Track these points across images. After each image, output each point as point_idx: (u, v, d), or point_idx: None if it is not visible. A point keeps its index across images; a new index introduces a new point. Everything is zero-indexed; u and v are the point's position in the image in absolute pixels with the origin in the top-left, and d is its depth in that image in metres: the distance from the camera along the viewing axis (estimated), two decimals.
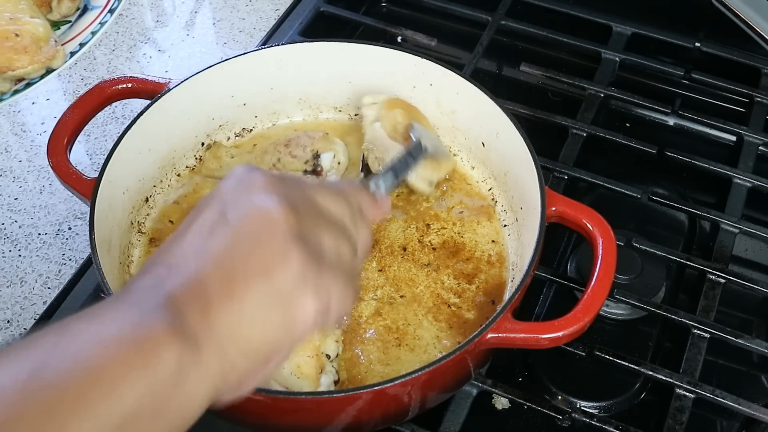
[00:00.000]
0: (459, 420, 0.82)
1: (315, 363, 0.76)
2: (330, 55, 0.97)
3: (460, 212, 0.94)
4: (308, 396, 0.73)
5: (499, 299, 0.87)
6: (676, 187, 1.06)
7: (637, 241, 0.94)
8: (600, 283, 0.77)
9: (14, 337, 0.91)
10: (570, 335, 0.75)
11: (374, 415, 0.77)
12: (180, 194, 0.95)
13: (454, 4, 1.23)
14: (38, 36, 0.76)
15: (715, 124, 1.10)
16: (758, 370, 0.92)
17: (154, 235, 0.92)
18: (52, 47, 0.77)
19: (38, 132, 1.12)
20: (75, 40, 0.82)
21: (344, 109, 1.02)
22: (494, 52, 1.19)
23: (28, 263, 0.99)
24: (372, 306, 0.86)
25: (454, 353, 0.72)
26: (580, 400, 0.86)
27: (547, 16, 1.22)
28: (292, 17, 1.22)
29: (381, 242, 0.91)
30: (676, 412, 0.83)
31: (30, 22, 0.77)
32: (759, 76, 1.15)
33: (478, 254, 0.90)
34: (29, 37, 0.75)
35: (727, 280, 0.92)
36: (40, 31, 0.77)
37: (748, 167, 1.04)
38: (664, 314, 0.89)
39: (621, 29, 1.20)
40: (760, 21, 1.02)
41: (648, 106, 1.12)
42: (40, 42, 0.76)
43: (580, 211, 0.82)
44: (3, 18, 0.75)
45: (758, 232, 0.98)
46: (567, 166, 1.02)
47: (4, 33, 0.75)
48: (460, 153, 0.98)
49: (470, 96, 0.92)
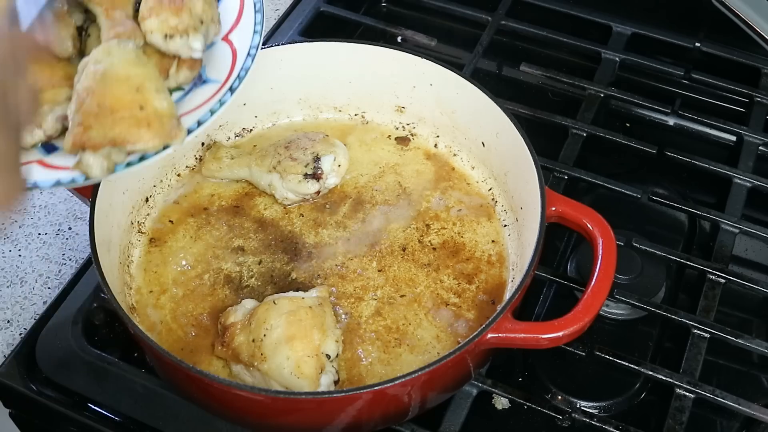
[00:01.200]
0: (459, 420, 0.82)
1: (315, 363, 0.76)
2: (330, 55, 0.97)
3: (459, 210, 0.94)
4: (308, 396, 0.73)
5: (499, 299, 0.87)
6: (676, 187, 1.06)
7: (637, 241, 0.94)
8: (600, 283, 0.77)
9: (14, 337, 0.92)
10: (570, 335, 0.75)
11: (374, 415, 0.77)
12: (180, 194, 0.95)
13: (454, 4, 1.23)
14: (161, 112, 0.70)
15: (715, 124, 1.10)
16: (758, 370, 0.92)
17: (154, 235, 0.92)
18: (175, 125, 0.72)
19: None
20: (192, 115, 0.76)
21: (344, 109, 1.02)
22: (494, 52, 1.19)
23: (28, 263, 0.99)
24: (372, 306, 0.86)
25: (454, 353, 0.72)
26: (580, 400, 0.86)
27: (547, 16, 1.22)
28: (292, 17, 1.21)
29: (381, 242, 0.91)
30: (676, 412, 0.83)
31: (156, 96, 0.71)
32: (759, 76, 1.15)
33: (478, 254, 0.90)
34: (152, 111, 0.70)
35: (727, 280, 0.92)
36: (164, 105, 0.71)
37: (748, 167, 1.04)
38: (664, 314, 0.89)
39: (621, 29, 1.20)
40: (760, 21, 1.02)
41: (648, 106, 1.12)
42: (163, 118, 0.70)
43: (580, 211, 0.82)
44: (130, 87, 0.71)
45: (758, 232, 0.98)
46: (567, 166, 1.02)
47: (129, 104, 0.70)
48: (460, 153, 0.98)
49: (470, 96, 0.92)
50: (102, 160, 0.70)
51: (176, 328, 0.85)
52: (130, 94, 0.69)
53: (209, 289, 0.88)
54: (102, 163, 0.70)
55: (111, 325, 0.90)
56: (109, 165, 0.71)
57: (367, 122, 1.02)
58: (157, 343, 0.78)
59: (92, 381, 0.85)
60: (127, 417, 0.84)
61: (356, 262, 0.90)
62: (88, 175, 0.70)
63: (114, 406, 0.84)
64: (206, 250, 0.91)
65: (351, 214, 0.94)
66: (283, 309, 0.79)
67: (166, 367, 0.77)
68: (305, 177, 0.92)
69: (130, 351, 0.88)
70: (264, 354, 0.77)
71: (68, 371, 0.86)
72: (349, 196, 0.95)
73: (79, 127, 0.69)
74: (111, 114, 0.68)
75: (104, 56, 0.70)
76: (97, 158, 0.69)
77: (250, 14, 0.82)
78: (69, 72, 0.75)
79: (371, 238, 0.91)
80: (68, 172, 0.71)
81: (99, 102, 0.68)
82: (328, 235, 0.92)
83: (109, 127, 0.68)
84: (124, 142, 0.69)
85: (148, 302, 0.87)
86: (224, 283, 0.88)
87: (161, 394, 0.84)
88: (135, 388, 0.84)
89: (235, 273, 0.89)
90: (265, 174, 0.93)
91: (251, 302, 0.83)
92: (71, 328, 0.88)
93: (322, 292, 0.84)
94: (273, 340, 0.77)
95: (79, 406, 0.85)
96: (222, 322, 0.82)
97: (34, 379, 0.86)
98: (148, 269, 0.89)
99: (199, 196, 0.95)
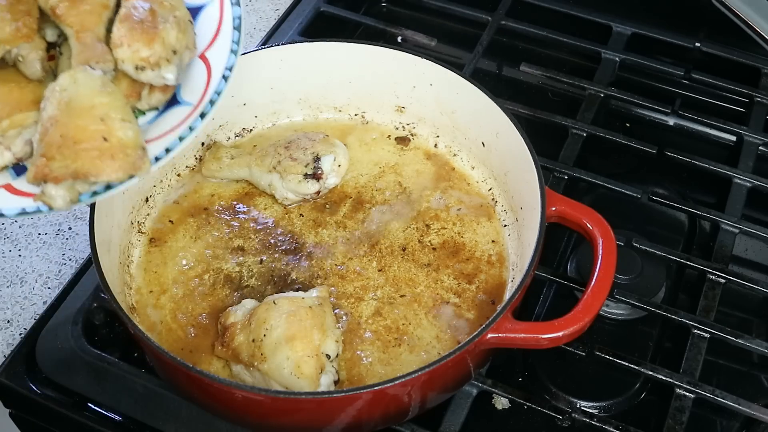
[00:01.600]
0: (459, 420, 0.82)
1: (315, 363, 0.76)
2: (330, 55, 0.97)
3: (459, 210, 0.94)
4: (308, 396, 0.73)
5: (499, 299, 0.87)
6: (676, 187, 1.06)
7: (637, 241, 0.94)
8: (600, 283, 0.77)
9: (14, 337, 0.92)
10: (570, 335, 0.75)
11: (374, 415, 0.77)
12: (180, 194, 0.95)
13: (454, 4, 1.23)
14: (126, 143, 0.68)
15: (715, 124, 1.10)
16: (758, 370, 0.92)
17: (154, 235, 0.92)
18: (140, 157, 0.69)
19: None
20: (161, 142, 0.74)
21: (344, 109, 1.02)
22: (494, 52, 1.19)
23: (28, 263, 0.99)
24: (372, 306, 0.86)
25: (454, 353, 0.72)
26: (580, 400, 0.86)
27: (547, 16, 1.22)
28: (292, 17, 1.21)
29: (381, 242, 0.91)
30: (676, 412, 0.83)
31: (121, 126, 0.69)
32: (759, 76, 1.15)
33: (478, 254, 0.90)
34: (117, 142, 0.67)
35: (727, 280, 0.92)
36: (129, 135, 0.68)
37: (748, 167, 1.04)
38: (664, 314, 0.89)
39: (621, 29, 1.20)
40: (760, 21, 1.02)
41: (648, 106, 1.12)
42: (127, 149, 0.68)
43: (580, 211, 0.82)
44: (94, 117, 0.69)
45: (758, 232, 0.98)
46: (567, 166, 1.02)
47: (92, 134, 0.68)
48: (460, 153, 0.98)
49: (470, 96, 0.92)
50: (65, 192, 0.68)
51: (176, 328, 0.85)
52: (95, 124, 0.66)
53: (209, 289, 0.88)
54: (65, 195, 0.68)
55: (111, 325, 0.90)
56: (73, 197, 0.69)
57: (367, 122, 1.02)
58: (157, 343, 0.78)
59: (92, 381, 0.85)
60: (127, 417, 0.84)
61: (356, 262, 0.90)
62: (50, 206, 0.68)
63: (114, 406, 0.84)
64: (206, 250, 0.91)
65: (351, 214, 0.94)
66: (283, 309, 0.79)
67: (166, 367, 0.77)
68: (305, 177, 0.92)
69: (130, 351, 0.88)
70: (264, 354, 0.77)
71: (68, 371, 0.86)
72: (349, 196, 0.95)
73: (41, 159, 0.67)
74: (74, 145, 0.66)
75: (70, 84, 0.68)
76: (59, 190, 0.67)
77: (228, 30, 0.78)
78: (38, 95, 0.73)
79: (371, 238, 0.91)
80: (33, 203, 0.70)
81: (62, 133, 0.66)
82: (328, 235, 0.92)
83: (71, 159, 0.66)
84: (86, 175, 0.67)
85: (148, 302, 0.87)
86: (224, 283, 0.88)
87: (161, 394, 0.84)
88: (135, 388, 0.84)
89: (235, 273, 0.89)
90: (265, 174, 0.93)
91: (251, 302, 0.83)
92: (71, 328, 0.88)
93: (322, 292, 0.84)
94: (273, 340, 0.77)
95: (79, 406, 0.85)
96: (222, 322, 0.82)
97: (34, 379, 0.86)
98: (148, 269, 0.89)
99: (199, 196, 0.95)
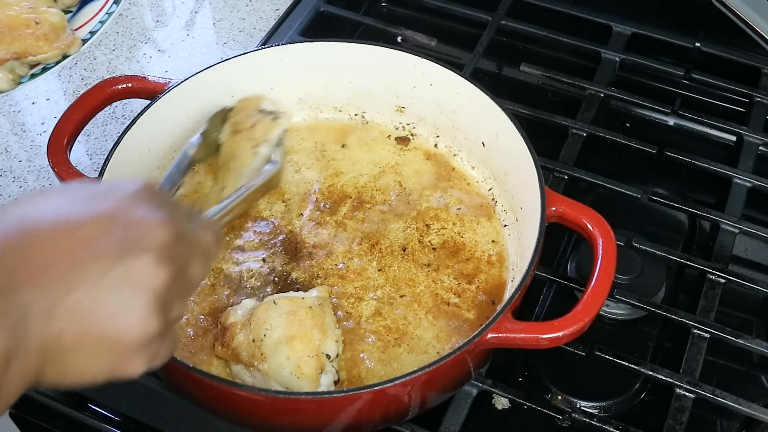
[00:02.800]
0: (459, 420, 0.82)
1: (315, 363, 0.76)
2: (330, 55, 0.97)
3: (458, 210, 0.94)
4: (308, 396, 0.73)
5: (499, 299, 0.87)
6: (676, 187, 1.06)
7: (637, 241, 0.94)
8: (600, 283, 0.77)
9: None
10: (570, 335, 0.75)
11: (374, 415, 0.77)
12: (180, 194, 0.95)
13: (454, 4, 1.23)
14: (56, 24, 0.91)
15: (715, 124, 1.10)
16: (758, 370, 0.92)
17: None
18: (69, 35, 0.87)
19: (38, 132, 1.12)
20: (85, 28, 0.92)
21: (344, 109, 1.02)
22: (494, 52, 1.19)
23: None
24: (372, 306, 0.86)
25: (454, 353, 0.72)
26: (580, 400, 0.86)
27: (547, 16, 1.22)
28: (292, 17, 1.21)
29: (381, 242, 0.91)
30: (676, 412, 0.83)
31: (48, 12, 0.91)
32: (759, 76, 1.15)
33: (478, 254, 0.90)
34: (48, 25, 0.88)
35: (727, 280, 0.92)
36: (57, 19, 0.85)
37: (748, 167, 1.04)
38: (664, 314, 0.89)
39: (621, 29, 1.20)
40: (760, 21, 1.02)
41: (648, 106, 1.12)
42: (58, 30, 0.88)
43: (580, 211, 0.82)
44: (22, 7, 0.85)
45: (758, 232, 0.98)
46: (567, 166, 1.02)
47: (25, 21, 0.87)
48: (460, 153, 0.98)
49: (470, 96, 0.92)
50: (7, 73, 0.85)
51: (176, 328, 0.84)
52: (25, 13, 0.84)
53: (209, 289, 0.88)
54: (7, 77, 0.85)
55: None
56: (14, 77, 0.86)
57: (367, 122, 1.02)
58: None
59: None
60: (127, 417, 0.84)
61: (356, 262, 0.90)
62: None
63: (114, 406, 0.84)
64: None
65: (351, 214, 0.94)
66: (283, 309, 0.79)
67: (165, 367, 0.76)
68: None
69: None
70: (264, 354, 0.77)
71: None
72: (349, 196, 0.95)
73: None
74: (10, 32, 0.83)
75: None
76: (2, 72, 0.85)
77: None
78: None
79: (371, 238, 0.91)
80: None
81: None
82: (328, 235, 0.92)
83: (9, 43, 0.83)
84: (26, 54, 0.84)
85: None
86: (224, 283, 0.88)
87: (161, 394, 0.84)
88: (135, 388, 0.84)
89: (235, 273, 0.89)
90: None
91: (251, 302, 0.83)
92: None
93: (322, 292, 0.84)
94: (273, 340, 0.77)
95: (79, 406, 0.85)
96: (222, 322, 0.82)
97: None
98: None
99: (199, 197, 0.95)
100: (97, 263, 0.53)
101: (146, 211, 0.56)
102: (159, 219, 0.56)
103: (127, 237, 0.54)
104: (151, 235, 0.55)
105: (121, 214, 0.55)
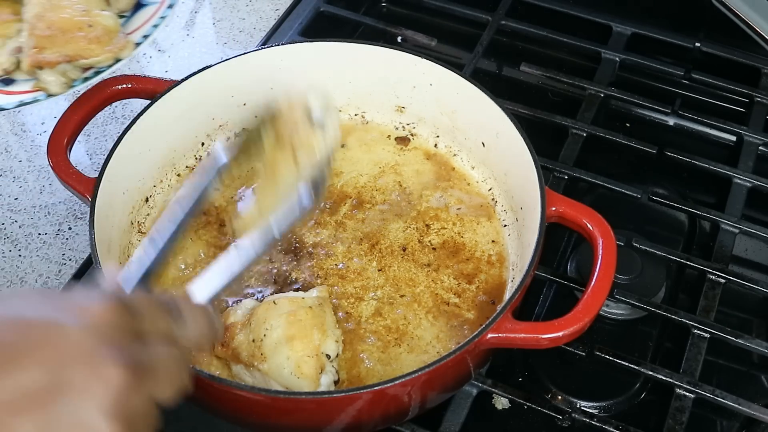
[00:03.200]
0: (459, 420, 0.82)
1: (315, 363, 0.76)
2: (330, 55, 0.97)
3: (458, 209, 0.94)
4: (308, 396, 0.73)
5: (499, 299, 0.87)
6: (676, 187, 1.06)
7: (637, 241, 0.94)
8: (600, 283, 0.77)
9: None
10: (570, 335, 0.75)
11: (374, 415, 0.77)
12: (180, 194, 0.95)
13: (454, 4, 1.23)
14: (109, 28, 0.83)
15: (715, 124, 1.10)
16: (758, 370, 0.92)
17: None
18: (122, 38, 0.84)
19: (38, 132, 1.12)
20: (138, 32, 0.88)
21: (344, 109, 1.02)
22: (494, 52, 1.19)
23: (28, 263, 0.99)
24: (372, 306, 0.86)
25: (454, 353, 0.72)
26: (580, 400, 0.86)
27: (547, 16, 1.22)
28: (292, 17, 1.21)
29: (381, 242, 0.91)
30: (676, 412, 0.83)
31: (101, 15, 0.84)
32: (759, 76, 1.15)
33: (478, 254, 0.90)
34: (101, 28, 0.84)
35: (727, 280, 0.92)
36: (110, 23, 0.83)
37: (748, 167, 1.04)
38: (664, 314, 0.89)
39: (621, 29, 1.20)
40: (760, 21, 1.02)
41: (648, 106, 1.12)
42: (111, 33, 0.85)
43: (580, 211, 0.82)
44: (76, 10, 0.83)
45: (758, 232, 0.98)
46: (567, 166, 1.02)
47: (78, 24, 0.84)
48: (460, 153, 0.98)
49: (470, 96, 0.92)
50: (59, 77, 0.81)
51: None
52: (78, 15, 0.81)
53: None
54: (60, 80, 0.81)
55: None
56: (67, 81, 0.82)
57: (367, 122, 1.02)
58: None
59: None
60: None
61: (356, 262, 0.90)
62: (47, 92, 0.81)
63: None
64: (206, 250, 0.90)
65: (351, 214, 0.94)
66: (283, 309, 0.79)
67: None
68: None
69: None
70: (264, 354, 0.77)
71: None
72: (349, 196, 0.95)
73: (33, 50, 0.79)
74: (62, 35, 0.80)
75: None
76: (53, 75, 0.81)
77: None
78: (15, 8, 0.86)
79: (371, 238, 0.91)
80: (30, 94, 0.82)
81: (49, 25, 0.80)
82: (328, 235, 0.92)
83: (62, 46, 0.79)
84: (78, 57, 0.80)
85: None
86: None
87: None
88: None
89: None
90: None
91: (251, 302, 0.83)
92: None
93: (322, 292, 0.84)
94: (273, 340, 0.77)
95: None
96: (222, 322, 0.82)
97: None
98: None
99: None
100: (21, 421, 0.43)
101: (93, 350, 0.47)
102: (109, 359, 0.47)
103: (63, 383, 0.45)
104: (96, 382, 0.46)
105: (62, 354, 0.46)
